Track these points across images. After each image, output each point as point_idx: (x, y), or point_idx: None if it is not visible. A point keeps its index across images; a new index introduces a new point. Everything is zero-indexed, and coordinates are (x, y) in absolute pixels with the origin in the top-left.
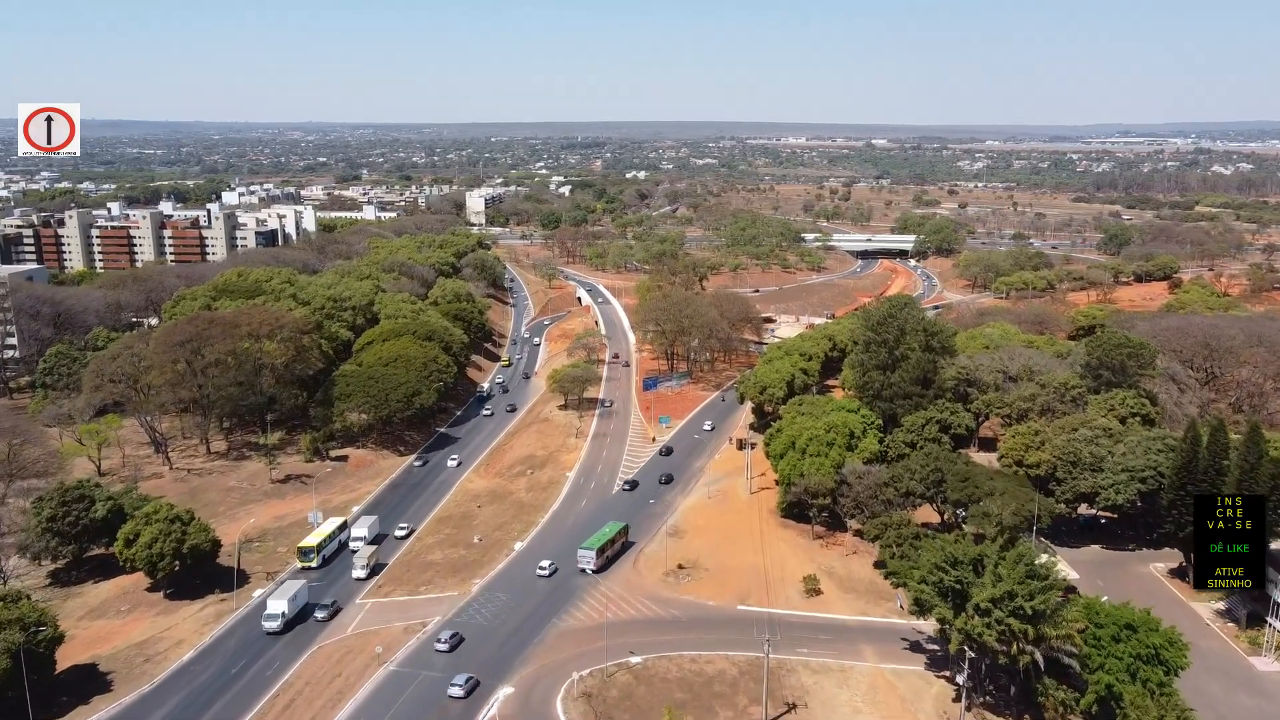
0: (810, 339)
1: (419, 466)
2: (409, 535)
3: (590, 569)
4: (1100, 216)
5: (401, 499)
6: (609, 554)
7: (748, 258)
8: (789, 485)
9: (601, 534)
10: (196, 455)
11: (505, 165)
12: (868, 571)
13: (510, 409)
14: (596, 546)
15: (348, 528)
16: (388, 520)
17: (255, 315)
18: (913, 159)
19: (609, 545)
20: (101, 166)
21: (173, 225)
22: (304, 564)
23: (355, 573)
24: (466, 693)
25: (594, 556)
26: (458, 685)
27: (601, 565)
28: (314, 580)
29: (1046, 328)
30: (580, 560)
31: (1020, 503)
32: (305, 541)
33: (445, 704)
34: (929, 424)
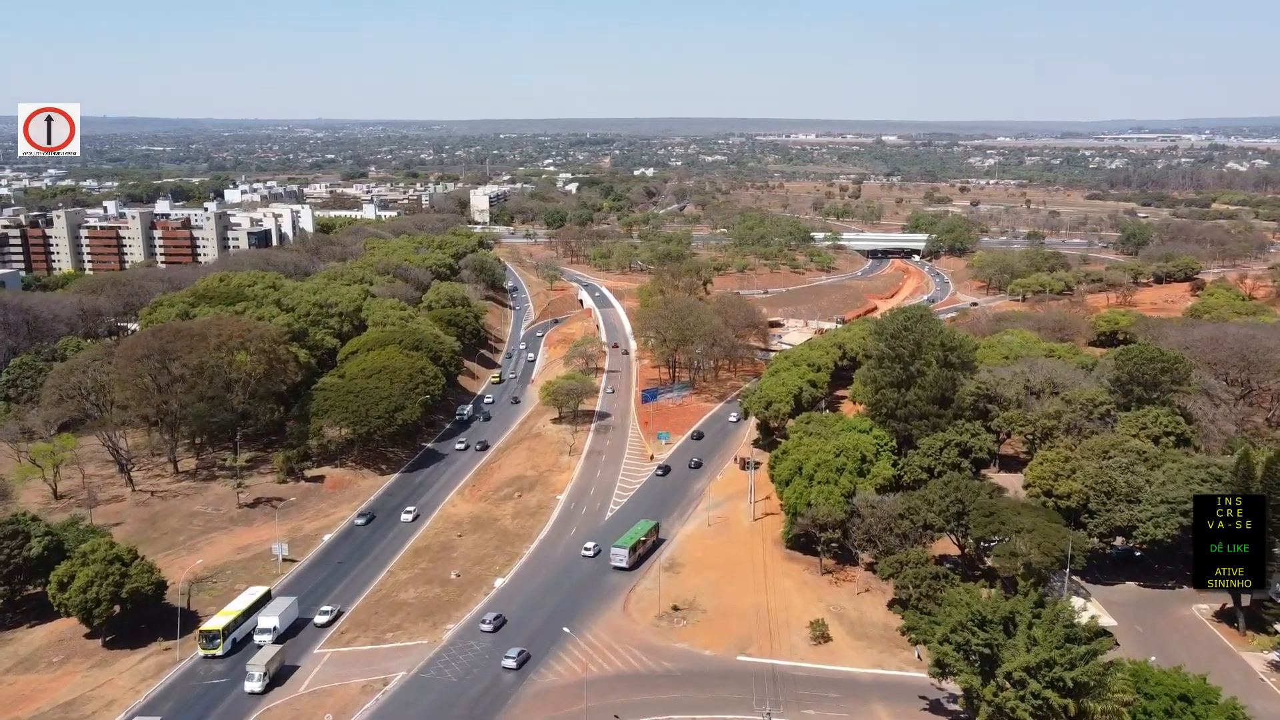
0: (819, 347)
1: (361, 525)
2: (334, 620)
3: (624, 565)
4: (1116, 214)
5: (333, 571)
6: (640, 552)
7: (755, 258)
8: (795, 515)
9: (633, 532)
10: (163, 475)
11: (513, 162)
12: (881, 613)
13: (481, 447)
14: (629, 545)
15: (271, 599)
16: (312, 601)
17: (225, 326)
18: (923, 155)
19: (640, 544)
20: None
21: (163, 225)
22: (207, 651)
23: (249, 685)
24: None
25: (626, 555)
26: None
27: (634, 563)
28: (215, 676)
29: (1067, 334)
30: (613, 559)
31: (1051, 541)
32: (210, 624)
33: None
34: (948, 447)
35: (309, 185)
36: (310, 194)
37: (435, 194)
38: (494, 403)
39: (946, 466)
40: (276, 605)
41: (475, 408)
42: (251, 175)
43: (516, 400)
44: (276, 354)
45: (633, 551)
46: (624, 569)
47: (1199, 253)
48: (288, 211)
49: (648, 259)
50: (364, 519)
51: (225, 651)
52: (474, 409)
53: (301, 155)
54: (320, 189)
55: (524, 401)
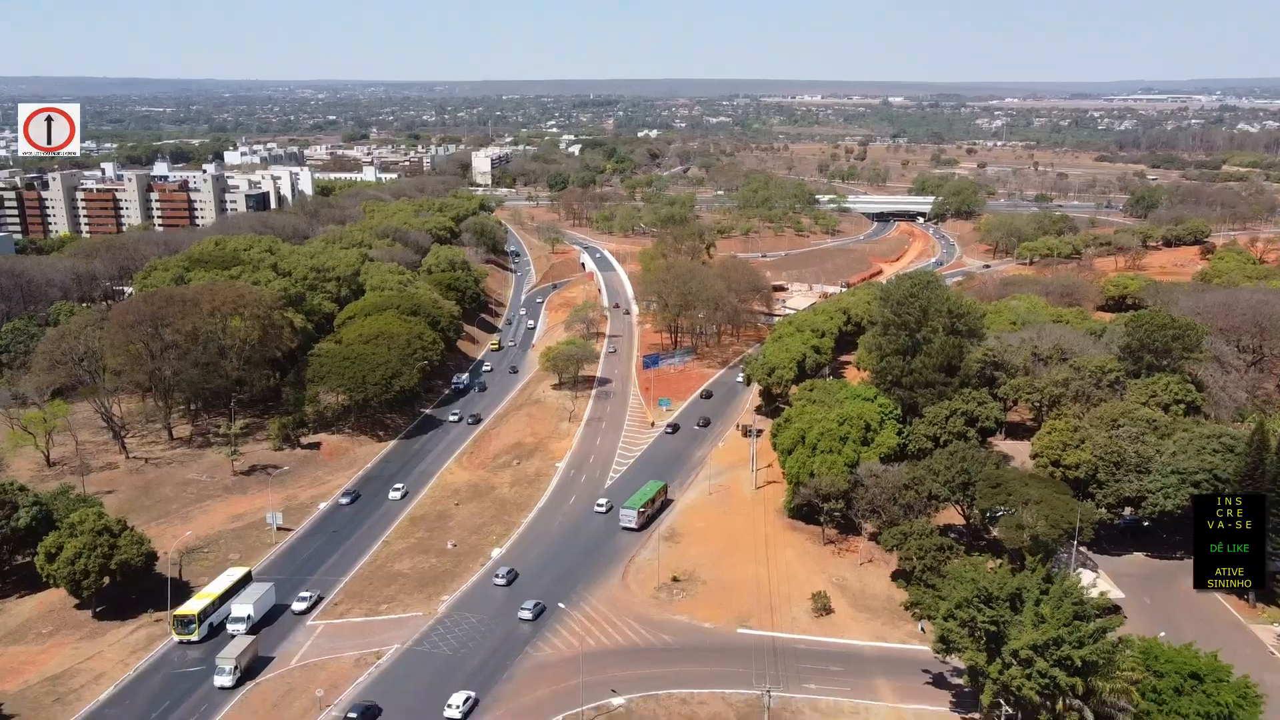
0: (823, 312)
1: (346, 505)
2: (313, 606)
3: (633, 526)
4: (1125, 177)
5: (327, 541)
6: (648, 513)
7: (760, 221)
8: (797, 485)
9: (642, 493)
10: (158, 442)
11: (516, 124)
12: (884, 584)
13: (474, 420)
14: (638, 506)
15: (251, 581)
16: (306, 571)
17: (219, 292)
18: (930, 117)
19: (649, 504)
20: (110, 125)
21: (160, 188)
22: (182, 637)
23: (218, 679)
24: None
25: (635, 515)
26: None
27: (643, 524)
28: (189, 664)
29: (1075, 299)
30: (622, 519)
31: (1058, 513)
32: (184, 608)
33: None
34: (954, 416)
35: (309, 147)
36: (310, 156)
37: (436, 156)
38: (492, 370)
39: (952, 436)
40: (251, 592)
41: (472, 377)
42: (252, 137)
43: (515, 370)
44: (271, 320)
45: (641, 513)
46: (632, 529)
47: (1209, 216)
48: (286, 174)
49: (651, 222)
50: (349, 498)
51: (201, 637)
52: (470, 378)
53: (303, 117)
54: (320, 151)
55: (523, 370)
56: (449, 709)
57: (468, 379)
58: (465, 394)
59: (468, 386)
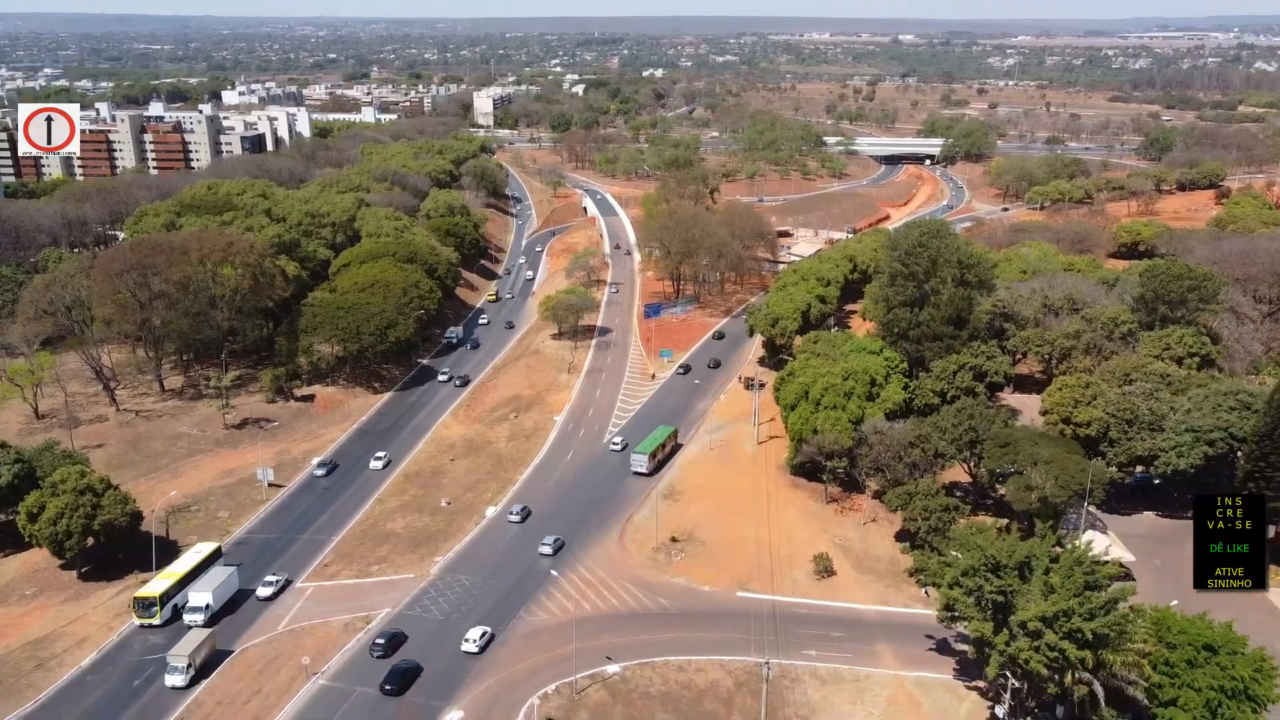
0: (828, 260)
1: (321, 477)
2: (281, 591)
3: (644, 470)
4: (1139, 118)
5: (319, 498)
6: (660, 457)
7: (766, 164)
8: (800, 442)
9: (653, 438)
10: (149, 394)
11: (519, 63)
12: (888, 545)
13: (462, 382)
14: (649, 451)
15: (220, 557)
16: (297, 530)
17: (208, 239)
18: (940, 56)
19: (660, 449)
20: (107, 63)
21: (154, 129)
22: (143, 620)
23: (170, 678)
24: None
25: (646, 460)
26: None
27: (654, 468)
28: (150, 651)
29: (1087, 246)
30: (634, 464)
31: (1069, 474)
32: (146, 589)
33: None
34: (962, 371)
35: (308, 87)
36: (309, 96)
37: (437, 97)
38: (489, 323)
39: (960, 391)
40: (213, 577)
41: (466, 331)
42: (251, 75)
43: (510, 325)
44: (263, 268)
45: (652, 457)
46: (643, 474)
47: (1224, 159)
48: (283, 115)
49: (654, 164)
50: (325, 469)
51: (164, 620)
52: (464, 333)
53: (302, 55)
54: (320, 91)
55: (520, 323)
56: (466, 643)
57: (460, 332)
58: (455, 351)
59: (460, 342)
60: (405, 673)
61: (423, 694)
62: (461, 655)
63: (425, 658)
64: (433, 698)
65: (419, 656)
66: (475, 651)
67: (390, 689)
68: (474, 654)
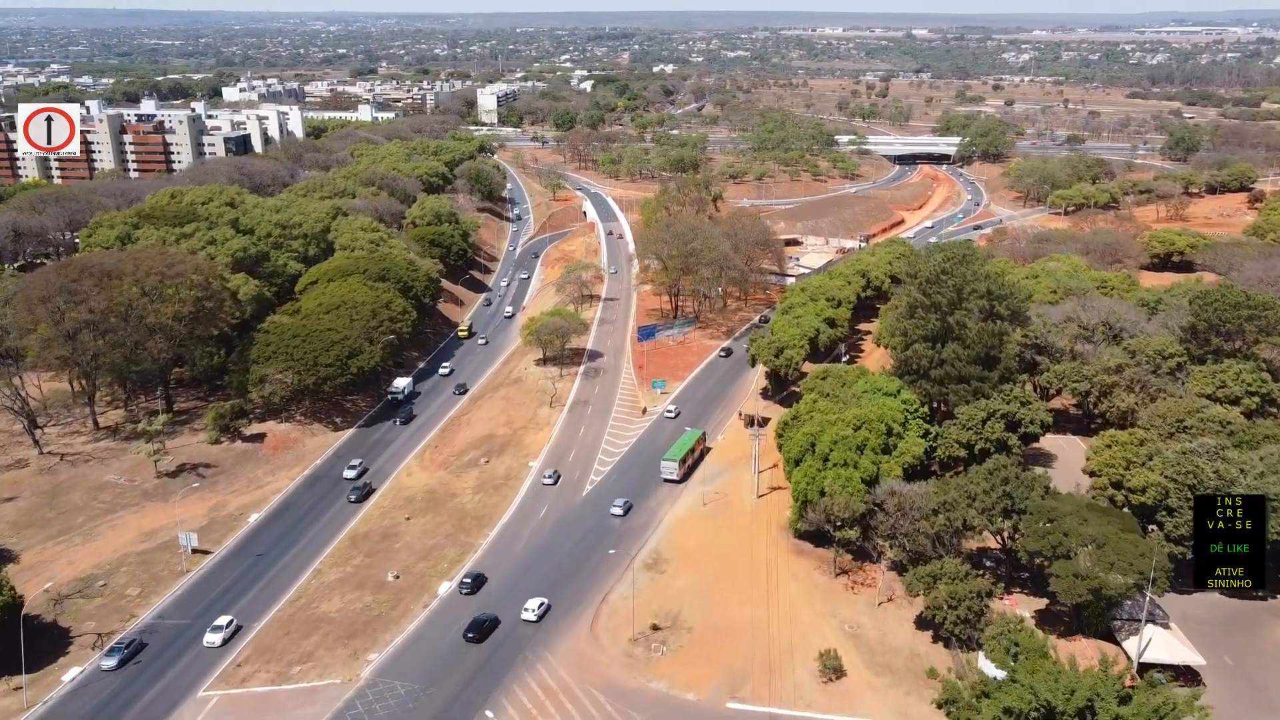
0: (839, 276)
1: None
2: None
3: (674, 478)
4: (1160, 115)
5: (249, 569)
6: (689, 463)
7: (775, 164)
8: (805, 504)
9: (682, 443)
10: (80, 432)
11: (529, 58)
12: (907, 633)
13: (405, 419)
14: (679, 458)
15: None
16: (215, 612)
17: (145, 260)
18: (955, 51)
19: (689, 455)
20: (117, 58)
21: (133, 129)
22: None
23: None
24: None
25: (677, 467)
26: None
27: (684, 475)
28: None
29: (1118, 257)
30: (664, 471)
31: (1126, 558)
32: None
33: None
34: (992, 419)
35: (310, 83)
36: (311, 92)
37: (441, 93)
38: (451, 374)
39: (990, 444)
40: None
41: (408, 390)
42: (259, 71)
43: (462, 389)
44: (209, 290)
45: (682, 463)
46: (674, 480)
47: (1253, 159)
48: (274, 113)
49: (659, 165)
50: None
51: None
52: (407, 392)
53: (312, 50)
54: (321, 87)
55: (503, 347)
56: (525, 612)
57: (408, 386)
58: (401, 407)
59: (402, 400)
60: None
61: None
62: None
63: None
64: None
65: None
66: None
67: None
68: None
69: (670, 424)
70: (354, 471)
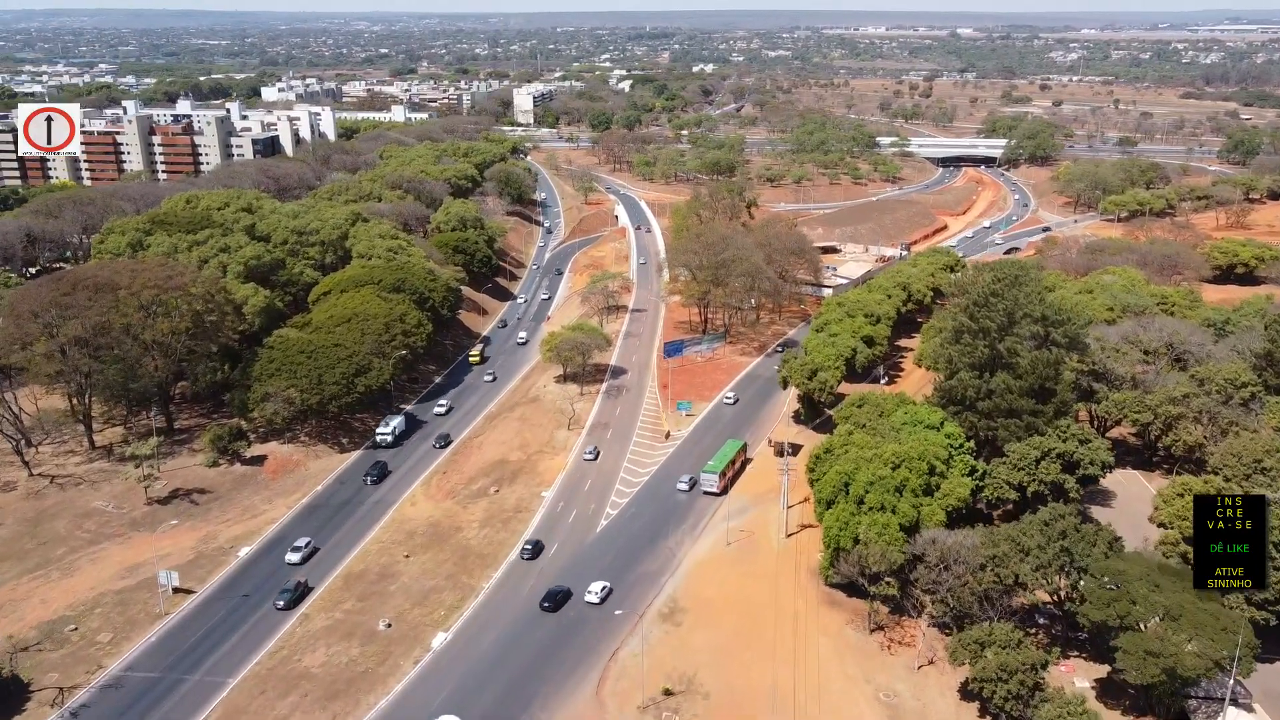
0: (878, 289)
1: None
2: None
3: (715, 490)
4: (1215, 116)
5: (231, 612)
6: (730, 475)
7: (814, 167)
8: (837, 551)
9: (722, 455)
10: (76, 452)
11: (568, 58)
12: (950, 703)
13: (441, 443)
14: (719, 470)
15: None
16: (186, 667)
17: (141, 272)
18: (1001, 50)
19: (730, 467)
20: (164, 58)
21: (162, 131)
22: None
23: None
24: None
25: (717, 480)
26: None
27: (724, 488)
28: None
29: (1177, 269)
30: (704, 484)
31: (1206, 633)
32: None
33: None
34: (1047, 459)
35: (348, 83)
36: (348, 92)
37: (477, 93)
38: (448, 412)
39: (1044, 486)
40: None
41: (397, 438)
42: (301, 70)
43: (444, 442)
44: (213, 302)
45: (722, 476)
46: (714, 494)
47: None
48: (305, 114)
49: (695, 167)
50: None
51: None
52: (400, 431)
53: (355, 50)
54: (359, 87)
55: (515, 370)
56: (589, 595)
57: (400, 426)
58: (391, 448)
59: (394, 440)
60: None
61: None
62: None
63: None
64: None
65: None
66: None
67: None
68: None
69: (693, 449)
70: (298, 555)
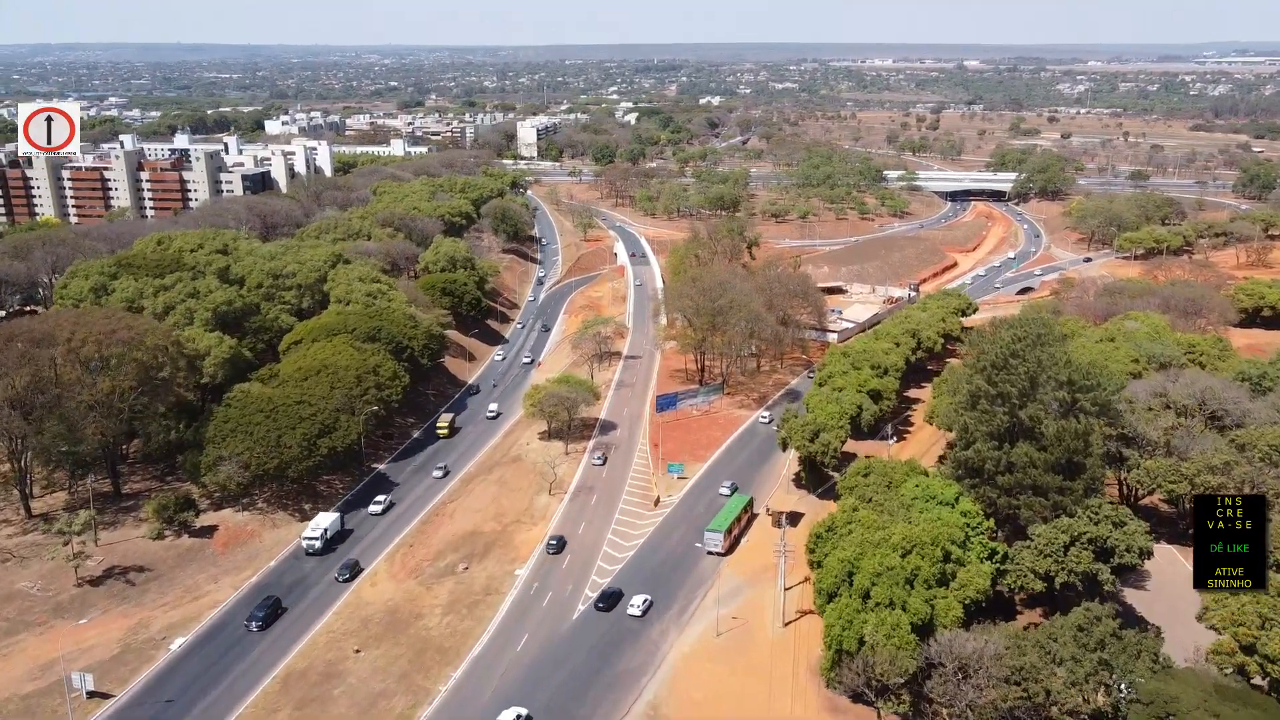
0: (885, 336)
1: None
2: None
3: (719, 550)
4: (1228, 149)
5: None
6: (735, 533)
7: (819, 201)
8: (839, 653)
9: (728, 511)
10: (11, 521)
11: (575, 90)
12: None
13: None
14: (724, 528)
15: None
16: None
17: (82, 324)
18: (1008, 82)
19: (735, 524)
20: (176, 91)
21: (150, 166)
22: None
23: None
24: None
25: (721, 539)
26: None
27: (729, 547)
28: None
29: (1201, 312)
30: (707, 544)
31: None
32: None
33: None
34: (1077, 544)
35: (352, 116)
36: (352, 125)
37: (480, 126)
38: (385, 509)
39: (1075, 577)
40: None
41: (326, 542)
42: (309, 103)
43: (349, 573)
44: (166, 356)
45: (728, 534)
46: (719, 554)
47: None
48: (301, 149)
49: (698, 202)
50: None
51: None
52: (327, 538)
53: (364, 82)
54: (362, 121)
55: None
56: (631, 608)
57: (330, 529)
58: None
59: (322, 546)
60: None
61: None
62: None
63: None
64: None
65: None
66: None
67: None
68: None
69: (686, 515)
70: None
